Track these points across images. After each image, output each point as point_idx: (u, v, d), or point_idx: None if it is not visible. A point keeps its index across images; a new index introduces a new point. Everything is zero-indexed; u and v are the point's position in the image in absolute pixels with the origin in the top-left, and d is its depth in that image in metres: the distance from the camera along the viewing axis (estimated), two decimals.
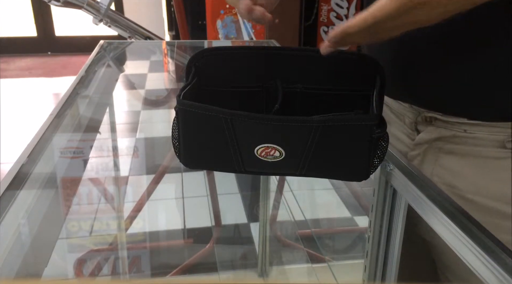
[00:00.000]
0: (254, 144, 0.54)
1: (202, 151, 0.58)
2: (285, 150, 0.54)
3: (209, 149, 0.57)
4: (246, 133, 0.54)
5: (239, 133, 0.53)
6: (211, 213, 1.95)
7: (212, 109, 0.53)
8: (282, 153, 0.54)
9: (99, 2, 1.95)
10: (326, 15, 3.06)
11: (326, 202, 2.27)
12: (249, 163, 0.56)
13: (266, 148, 0.53)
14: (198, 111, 0.54)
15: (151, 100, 2.44)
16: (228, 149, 0.55)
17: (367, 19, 0.49)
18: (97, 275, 1.62)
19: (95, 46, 1.52)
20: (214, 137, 0.55)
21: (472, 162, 0.62)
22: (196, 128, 0.56)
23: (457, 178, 0.64)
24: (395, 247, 0.63)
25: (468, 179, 0.63)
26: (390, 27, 0.50)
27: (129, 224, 1.79)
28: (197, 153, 0.59)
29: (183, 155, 0.59)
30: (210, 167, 0.62)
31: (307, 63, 0.61)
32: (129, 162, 2.32)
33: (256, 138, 0.53)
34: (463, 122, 0.61)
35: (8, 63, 4.30)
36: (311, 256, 1.80)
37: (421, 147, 0.67)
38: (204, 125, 0.55)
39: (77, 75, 1.19)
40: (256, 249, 1.79)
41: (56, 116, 0.91)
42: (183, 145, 0.58)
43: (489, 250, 0.44)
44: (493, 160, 0.61)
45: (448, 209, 0.51)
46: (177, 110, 0.56)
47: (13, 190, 0.65)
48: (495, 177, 0.61)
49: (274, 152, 0.54)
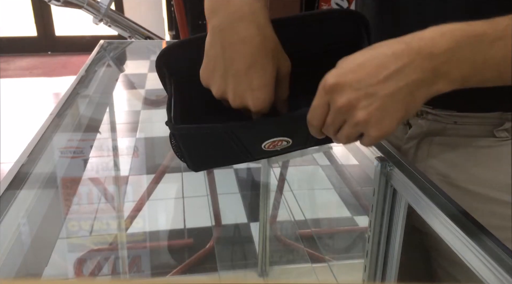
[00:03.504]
0: (261, 141, 0.53)
1: (209, 157, 0.57)
2: (292, 138, 0.53)
3: (216, 155, 0.57)
4: (251, 137, 0.53)
5: (244, 138, 0.53)
6: (211, 213, 1.95)
7: (210, 128, 0.51)
8: (289, 141, 0.54)
9: (99, 1, 1.95)
10: None
11: (326, 201, 2.27)
12: (258, 155, 0.56)
13: (273, 142, 0.53)
14: (196, 132, 0.52)
15: (151, 100, 2.44)
16: (236, 150, 0.55)
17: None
18: (97, 274, 1.62)
19: (95, 46, 1.52)
20: (219, 146, 0.54)
21: (463, 151, 0.64)
22: (199, 144, 0.55)
23: (450, 168, 0.65)
24: (395, 247, 0.63)
25: (461, 168, 0.64)
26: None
27: (129, 223, 1.79)
28: (205, 160, 0.58)
29: (191, 164, 0.58)
30: (220, 165, 0.62)
31: (289, 33, 0.55)
32: (129, 161, 2.32)
33: (262, 137, 0.53)
34: (452, 115, 0.63)
35: (8, 63, 4.30)
36: (311, 256, 1.80)
37: (414, 140, 0.68)
38: (206, 139, 0.54)
39: (77, 75, 1.19)
40: (256, 249, 1.79)
41: (56, 116, 0.91)
42: (189, 158, 0.57)
43: (489, 250, 0.44)
44: (483, 149, 0.62)
45: (448, 209, 0.51)
46: (173, 135, 0.54)
47: (13, 189, 0.65)
48: (487, 165, 0.62)
49: (281, 143, 0.54)
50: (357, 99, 0.44)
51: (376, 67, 0.44)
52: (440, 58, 0.43)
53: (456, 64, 0.43)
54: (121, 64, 1.61)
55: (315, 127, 0.49)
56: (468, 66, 0.44)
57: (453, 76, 0.44)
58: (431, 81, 0.44)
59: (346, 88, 0.44)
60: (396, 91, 0.44)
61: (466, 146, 0.63)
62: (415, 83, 0.44)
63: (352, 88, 0.44)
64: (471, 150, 0.63)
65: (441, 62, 0.43)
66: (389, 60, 0.44)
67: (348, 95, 0.44)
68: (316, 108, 0.47)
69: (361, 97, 0.44)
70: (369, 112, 0.44)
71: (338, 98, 0.45)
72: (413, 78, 0.43)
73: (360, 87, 0.44)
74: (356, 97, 0.44)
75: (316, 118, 0.48)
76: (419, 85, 0.44)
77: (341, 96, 0.45)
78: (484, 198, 0.63)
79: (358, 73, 0.44)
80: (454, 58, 0.43)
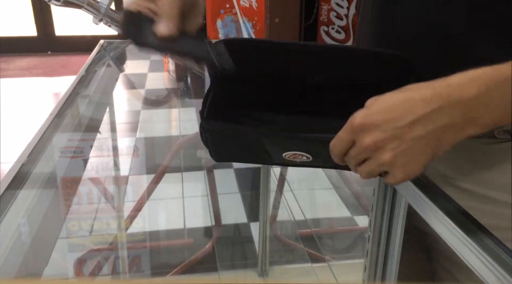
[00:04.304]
0: (283, 150, 0.55)
1: (232, 152, 0.60)
2: (313, 156, 0.54)
3: (239, 152, 0.59)
4: (274, 145, 0.55)
5: (268, 144, 0.55)
6: (211, 213, 1.95)
7: (237, 129, 0.55)
8: (310, 157, 0.55)
9: (99, 1, 1.95)
10: (326, 15, 3.05)
11: (326, 201, 2.27)
12: (278, 160, 0.58)
13: (294, 154, 0.55)
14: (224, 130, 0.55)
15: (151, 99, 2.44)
16: (258, 151, 0.56)
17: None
18: (97, 274, 1.62)
19: (95, 46, 1.52)
20: (242, 145, 0.57)
21: (463, 152, 0.63)
22: (225, 139, 0.57)
23: (450, 168, 0.65)
24: (395, 247, 0.63)
25: (461, 168, 0.64)
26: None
27: (129, 223, 1.79)
28: (227, 153, 0.61)
29: (214, 155, 0.61)
30: (240, 161, 0.64)
31: (337, 59, 0.58)
32: (129, 161, 2.32)
33: (284, 147, 0.55)
34: None
35: (8, 62, 4.30)
36: (311, 256, 1.80)
37: None
38: (231, 137, 0.57)
39: (77, 75, 1.19)
40: (256, 249, 1.79)
41: (56, 116, 0.91)
42: (213, 149, 0.60)
43: (489, 250, 0.44)
44: (484, 149, 0.62)
45: (448, 209, 0.51)
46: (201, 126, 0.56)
47: (13, 189, 0.65)
48: (487, 165, 0.62)
49: (302, 157, 0.55)
50: (383, 141, 0.44)
51: (404, 111, 0.44)
52: (469, 104, 0.43)
53: (486, 109, 0.43)
54: (121, 64, 1.61)
55: (336, 156, 0.49)
56: (499, 111, 0.43)
57: (483, 120, 0.44)
58: (460, 127, 0.44)
59: (374, 129, 0.45)
60: (423, 136, 0.44)
61: (466, 146, 0.63)
62: (443, 129, 0.44)
63: (379, 130, 0.44)
64: (471, 150, 0.63)
65: (471, 108, 0.43)
66: (417, 104, 0.44)
67: (375, 136, 0.45)
68: (341, 141, 0.48)
69: (387, 138, 0.44)
70: (395, 154, 0.44)
71: (365, 138, 0.45)
72: (441, 123, 0.43)
73: (387, 129, 0.44)
74: (383, 138, 0.44)
75: (338, 150, 0.49)
76: (447, 131, 0.44)
77: (368, 136, 0.45)
78: (484, 198, 0.62)
79: (386, 115, 0.45)
80: (484, 103, 0.43)
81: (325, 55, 0.58)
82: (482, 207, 0.62)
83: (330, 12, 3.05)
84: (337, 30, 3.09)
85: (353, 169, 0.50)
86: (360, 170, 0.48)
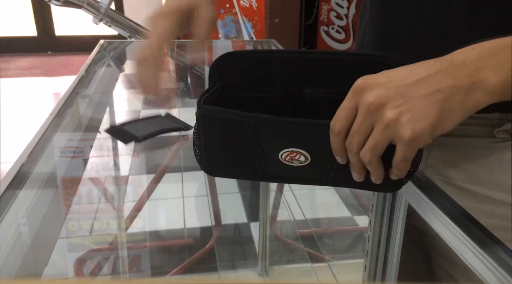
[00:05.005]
0: (279, 148, 0.53)
1: (225, 157, 0.57)
2: (311, 154, 0.52)
3: (232, 155, 0.56)
4: (270, 137, 0.53)
5: (263, 138, 0.52)
6: (211, 213, 1.95)
7: (235, 113, 0.52)
8: (308, 157, 0.52)
9: (99, 1, 1.95)
10: (326, 15, 3.06)
11: (326, 201, 2.27)
12: (273, 168, 0.55)
13: (291, 152, 0.52)
14: (219, 116, 0.53)
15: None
16: (252, 153, 0.54)
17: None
18: (97, 274, 1.62)
19: (95, 46, 1.52)
20: (236, 142, 0.54)
21: (463, 152, 0.64)
22: (218, 134, 0.55)
23: (450, 168, 0.65)
24: (395, 247, 0.63)
25: (461, 168, 0.64)
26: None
27: (129, 223, 1.79)
28: (219, 159, 0.58)
29: (205, 162, 0.58)
30: (233, 175, 0.61)
31: (335, 67, 0.57)
32: (129, 161, 2.32)
33: (281, 142, 0.52)
34: None
35: (8, 62, 4.30)
36: (311, 256, 1.80)
37: None
38: (226, 130, 0.54)
39: (77, 75, 1.19)
40: (256, 249, 1.79)
41: (56, 116, 0.91)
42: (205, 152, 0.57)
43: (489, 250, 0.44)
44: (484, 149, 0.62)
45: (448, 209, 0.51)
46: (198, 116, 0.55)
47: (13, 189, 0.65)
48: (487, 165, 0.62)
49: (299, 157, 0.52)
50: (387, 97, 0.43)
51: (407, 73, 0.44)
52: (473, 66, 0.43)
53: (491, 70, 0.43)
54: (121, 64, 1.61)
55: (337, 135, 0.46)
56: (505, 73, 0.43)
57: (490, 82, 0.43)
58: (467, 90, 0.43)
59: (376, 87, 0.43)
60: (428, 95, 0.42)
61: (466, 146, 0.63)
62: (449, 90, 0.43)
63: (382, 87, 0.43)
64: (471, 150, 0.63)
65: (475, 69, 0.43)
66: (420, 67, 0.44)
67: (378, 92, 0.43)
68: (342, 111, 0.45)
69: (391, 95, 0.43)
70: (400, 111, 0.42)
71: (368, 97, 0.43)
72: (446, 84, 0.43)
73: (391, 87, 0.43)
74: (386, 95, 0.43)
75: (340, 122, 0.45)
76: (454, 93, 0.43)
77: (370, 94, 0.43)
78: (484, 198, 0.62)
79: (389, 76, 0.44)
80: (489, 64, 0.43)
81: (323, 64, 0.57)
82: (482, 207, 0.62)
83: (330, 12, 3.05)
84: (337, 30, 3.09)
85: (355, 156, 0.46)
86: (364, 151, 0.45)
